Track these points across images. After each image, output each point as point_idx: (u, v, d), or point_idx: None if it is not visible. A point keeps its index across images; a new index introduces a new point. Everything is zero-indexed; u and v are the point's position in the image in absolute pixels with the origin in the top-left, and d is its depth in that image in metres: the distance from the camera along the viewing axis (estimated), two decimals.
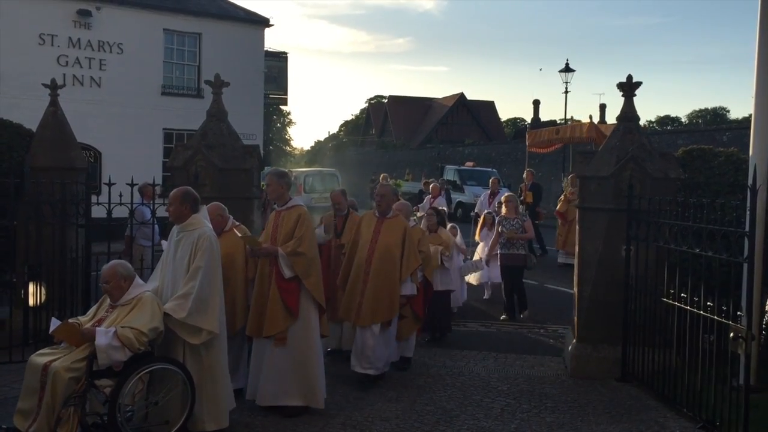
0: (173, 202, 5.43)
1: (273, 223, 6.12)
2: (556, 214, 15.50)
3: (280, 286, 5.84)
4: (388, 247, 6.79)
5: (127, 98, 19.88)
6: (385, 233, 6.87)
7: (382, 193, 7.07)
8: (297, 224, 5.93)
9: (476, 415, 6.08)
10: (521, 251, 9.96)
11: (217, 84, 8.40)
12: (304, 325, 5.91)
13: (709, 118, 56.44)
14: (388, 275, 6.74)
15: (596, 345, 7.31)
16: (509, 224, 9.96)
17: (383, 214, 7.01)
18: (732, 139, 19.85)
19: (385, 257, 6.75)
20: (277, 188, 6.10)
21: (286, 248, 5.83)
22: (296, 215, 5.99)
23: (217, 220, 6.33)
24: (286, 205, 6.10)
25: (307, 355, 5.92)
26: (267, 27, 23.40)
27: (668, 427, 5.83)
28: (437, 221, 8.93)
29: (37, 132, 8.56)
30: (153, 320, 5.00)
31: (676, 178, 7.34)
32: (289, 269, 5.81)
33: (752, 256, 5.38)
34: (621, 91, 7.56)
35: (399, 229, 6.92)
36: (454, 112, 58.11)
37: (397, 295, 6.77)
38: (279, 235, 5.97)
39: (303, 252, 5.85)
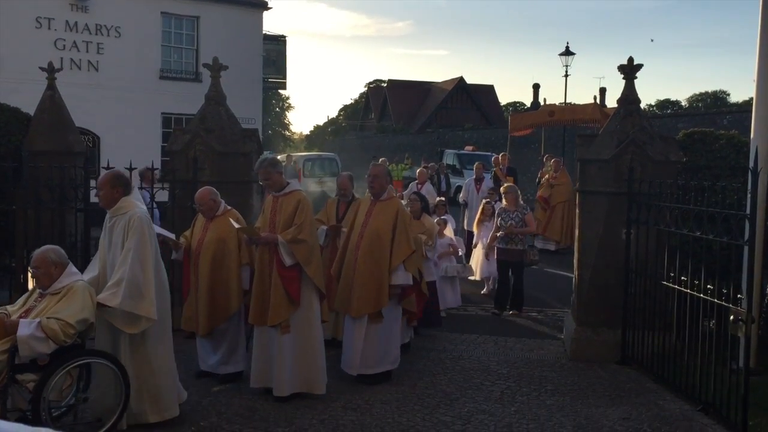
0: (102, 186, 5.09)
1: (271, 209, 5.96)
2: (540, 198, 14.95)
3: (281, 274, 5.73)
4: (377, 231, 6.37)
5: (125, 82, 19.77)
6: (376, 217, 6.46)
7: (375, 174, 6.61)
8: (297, 210, 5.80)
9: (476, 399, 6.10)
10: (519, 246, 9.25)
11: (216, 68, 8.36)
12: (307, 313, 5.85)
13: (710, 101, 56.25)
14: (376, 262, 6.30)
15: (596, 328, 7.32)
16: (509, 217, 9.26)
17: (377, 196, 6.59)
18: (732, 123, 19.77)
19: (373, 242, 6.34)
20: (276, 178, 5.96)
21: (287, 235, 5.69)
22: (295, 201, 5.85)
23: (209, 204, 6.30)
24: (284, 190, 5.96)
25: (311, 343, 5.87)
26: (265, 10, 23.23)
27: (668, 410, 5.85)
28: (421, 207, 8.27)
29: (35, 116, 8.52)
30: (83, 311, 4.69)
31: (676, 162, 7.31)
32: (290, 257, 5.69)
33: (753, 239, 5.37)
34: (622, 74, 7.52)
35: (391, 212, 6.45)
36: (453, 96, 57.84)
37: (385, 283, 6.27)
38: (278, 222, 5.83)
39: (304, 239, 5.74)
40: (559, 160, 15.44)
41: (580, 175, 7.80)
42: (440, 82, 61.75)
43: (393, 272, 6.31)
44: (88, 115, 17.18)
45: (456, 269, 9.29)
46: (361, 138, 57.68)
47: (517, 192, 9.69)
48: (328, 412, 5.67)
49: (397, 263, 6.31)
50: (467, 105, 57.27)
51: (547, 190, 14.76)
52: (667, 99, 58.86)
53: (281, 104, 74.56)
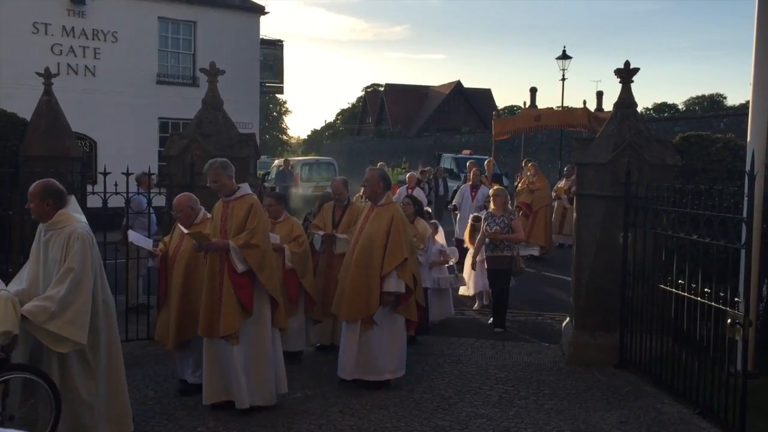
0: (33, 198, 4.73)
1: (221, 215, 5.72)
2: (521, 204, 14.31)
3: (233, 282, 5.49)
4: (370, 236, 6.27)
5: (122, 87, 19.78)
6: (372, 222, 6.38)
7: (366, 178, 6.53)
8: (249, 215, 5.58)
9: (474, 403, 6.09)
10: (507, 253, 8.69)
11: (213, 72, 8.35)
12: (258, 321, 5.62)
13: (706, 104, 56.40)
14: (367, 267, 6.20)
15: (594, 332, 7.32)
16: (494, 222, 8.71)
17: (373, 201, 6.52)
18: (729, 126, 19.84)
19: (365, 247, 6.26)
20: (227, 182, 5.70)
21: (238, 241, 5.47)
22: (247, 205, 5.63)
23: (186, 212, 6.08)
24: (235, 194, 5.72)
25: (262, 353, 5.63)
26: (262, 15, 23.28)
27: (666, 413, 5.85)
28: (415, 211, 8.12)
29: (32, 121, 8.50)
30: (4, 323, 4.31)
31: (673, 165, 7.32)
32: (241, 263, 5.46)
33: (750, 242, 5.38)
34: (618, 78, 7.53)
35: (387, 218, 6.31)
36: (450, 100, 57.97)
37: (376, 290, 6.15)
38: (229, 228, 5.60)
39: (256, 244, 5.52)
40: (536, 164, 15.28)
41: (577, 178, 7.81)
42: (437, 86, 61.91)
43: (385, 279, 6.17)
44: (85, 120, 17.18)
45: (449, 281, 8.91)
46: (358, 142, 57.80)
47: (507, 196, 9.24)
48: (326, 417, 5.65)
49: (389, 269, 6.16)
50: (464, 109, 57.39)
51: (528, 196, 14.38)
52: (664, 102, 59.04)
53: (278, 108, 74.70)
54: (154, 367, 6.87)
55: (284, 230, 7.01)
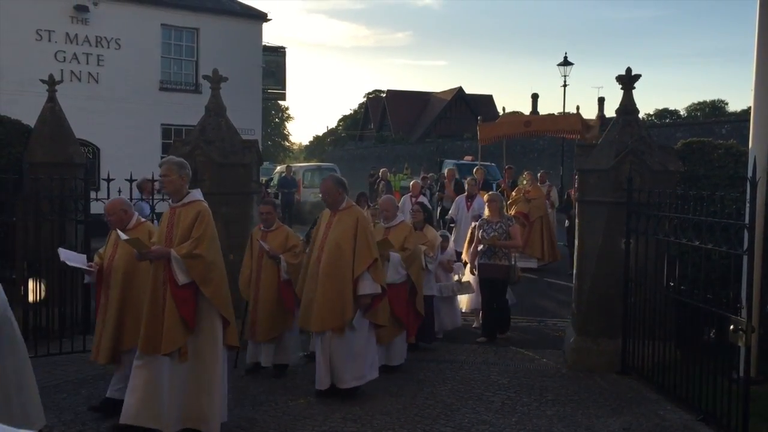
0: None
1: (168, 222, 5.32)
2: (519, 213, 13.74)
3: (174, 294, 5.05)
4: (337, 242, 6.04)
5: (125, 94, 19.84)
6: (336, 227, 6.14)
7: (323, 191, 6.34)
8: (195, 223, 5.16)
9: (477, 409, 6.09)
10: (504, 261, 8.39)
11: (216, 79, 8.39)
12: (203, 339, 5.17)
13: (708, 110, 56.39)
14: (339, 274, 5.98)
15: (596, 338, 7.31)
16: (491, 229, 8.43)
17: (334, 207, 6.27)
18: (731, 132, 19.86)
19: (334, 254, 6.01)
20: (176, 180, 5.29)
21: (181, 250, 5.06)
22: (194, 212, 5.20)
23: (119, 215, 5.74)
24: (183, 200, 5.30)
25: (207, 374, 5.15)
26: (265, 21, 23.33)
27: (669, 420, 5.84)
28: (424, 218, 8.05)
29: (36, 128, 8.55)
30: None
31: (675, 171, 7.33)
32: (183, 274, 5.04)
33: (752, 249, 5.38)
34: (620, 84, 7.54)
35: (351, 221, 6.12)
36: (452, 106, 58.02)
37: (349, 296, 5.98)
38: (175, 235, 5.19)
39: (200, 254, 5.09)
40: (531, 173, 14.97)
41: (579, 185, 7.82)
42: (439, 93, 61.97)
43: (359, 282, 6.01)
44: (89, 127, 17.22)
45: (451, 288, 8.59)
46: (360, 148, 57.84)
47: (502, 201, 8.98)
48: (328, 424, 5.65)
49: (360, 271, 6.00)
50: (466, 115, 57.38)
51: (524, 205, 13.99)
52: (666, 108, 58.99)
53: (281, 115, 74.77)
54: None
55: (279, 239, 6.88)
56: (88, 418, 5.65)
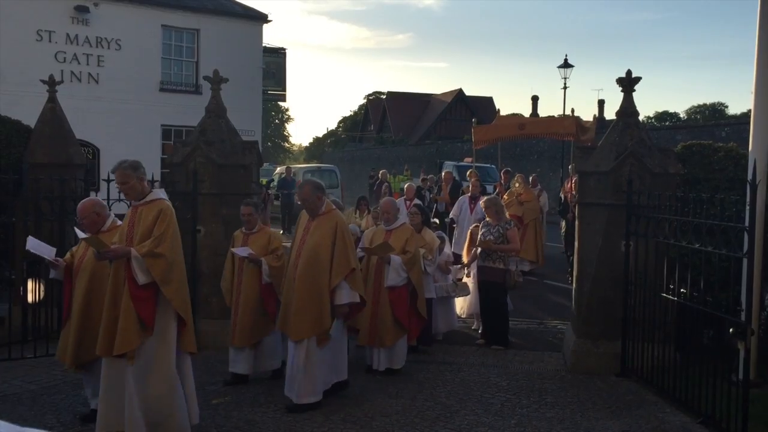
0: None
1: (129, 221, 5.20)
2: (512, 216, 12.85)
3: (133, 294, 4.91)
4: (314, 248, 5.86)
5: (126, 94, 19.84)
6: (313, 233, 5.95)
7: (301, 198, 6.13)
8: (157, 221, 5.04)
9: (476, 411, 6.08)
10: (499, 265, 8.23)
11: (216, 80, 8.39)
12: (161, 341, 5.01)
13: (708, 113, 56.45)
14: (315, 281, 5.81)
15: (596, 340, 7.31)
16: (489, 232, 8.35)
17: (313, 213, 6.07)
18: (731, 135, 19.85)
19: (310, 261, 5.84)
20: (136, 185, 5.18)
21: (142, 248, 4.92)
22: (156, 211, 5.08)
23: (92, 218, 5.58)
24: (145, 199, 5.19)
25: (162, 377, 5.01)
26: (265, 23, 23.35)
27: (668, 422, 5.84)
28: (422, 221, 8.00)
29: (36, 128, 8.55)
30: None
31: (675, 174, 7.34)
32: (143, 273, 4.89)
33: (752, 251, 5.38)
34: (620, 87, 7.55)
35: (329, 227, 5.93)
36: (452, 108, 58.03)
37: (326, 304, 5.82)
38: (136, 234, 5.07)
39: (161, 253, 4.95)
40: (523, 176, 14.65)
41: (579, 187, 7.83)
42: (439, 94, 61.99)
43: (336, 291, 5.86)
44: (89, 127, 17.22)
45: (446, 289, 8.46)
46: (360, 150, 57.84)
47: (498, 204, 8.71)
48: (327, 425, 5.65)
49: (338, 281, 5.85)
50: (466, 117, 57.37)
51: (518, 208, 13.62)
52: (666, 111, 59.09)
53: (281, 116, 74.87)
54: None
55: (260, 242, 6.69)
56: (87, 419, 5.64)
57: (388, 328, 6.89)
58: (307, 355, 5.85)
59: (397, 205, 7.60)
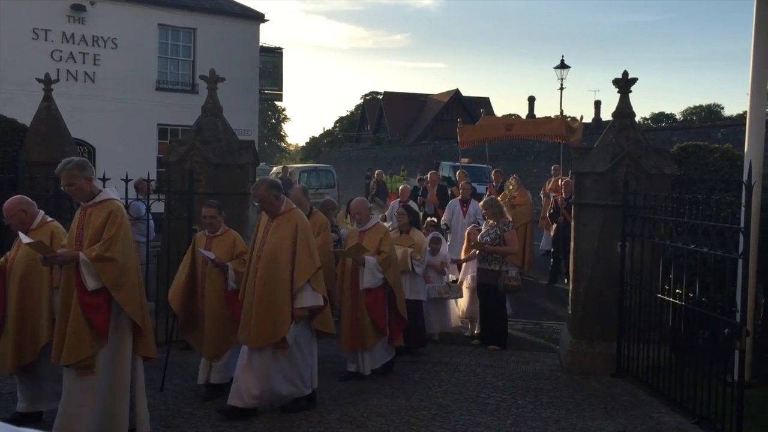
0: None
1: (78, 223, 4.90)
2: None
3: (83, 301, 4.66)
4: (274, 250, 5.58)
5: (122, 93, 19.80)
6: (273, 234, 5.67)
7: (259, 199, 5.78)
8: (107, 223, 4.76)
9: (472, 411, 6.09)
10: (494, 267, 8.15)
11: (212, 79, 8.38)
12: (115, 349, 4.82)
13: (704, 114, 56.63)
14: (275, 285, 5.54)
15: (591, 341, 7.32)
16: (486, 233, 8.32)
17: (272, 213, 5.79)
18: (726, 136, 19.88)
19: (270, 263, 5.57)
20: (83, 185, 4.87)
21: (91, 252, 4.66)
22: (106, 212, 4.80)
23: (19, 216, 5.37)
24: (94, 199, 4.89)
25: (118, 386, 4.83)
26: (262, 22, 23.33)
27: (663, 422, 5.85)
28: (409, 221, 7.87)
29: (31, 127, 8.54)
30: None
31: (671, 175, 7.35)
32: (93, 279, 4.65)
33: (747, 252, 5.40)
34: (617, 88, 7.57)
35: (290, 226, 5.65)
36: (449, 108, 58.01)
37: (286, 308, 5.54)
38: (85, 237, 4.80)
39: (112, 257, 4.69)
40: (518, 177, 14.30)
41: (575, 187, 7.84)
42: (436, 95, 62.00)
43: (298, 294, 5.57)
44: (85, 126, 17.19)
45: (438, 290, 8.34)
46: (356, 150, 57.81)
47: (497, 206, 8.52)
48: (323, 425, 5.65)
49: (302, 283, 5.54)
50: (463, 117, 57.33)
51: (509, 212, 13.24)
52: (662, 112, 59.31)
53: (277, 116, 74.82)
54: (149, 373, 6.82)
55: (225, 246, 6.29)
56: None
57: (367, 332, 6.74)
58: (261, 361, 5.59)
59: (368, 204, 7.36)
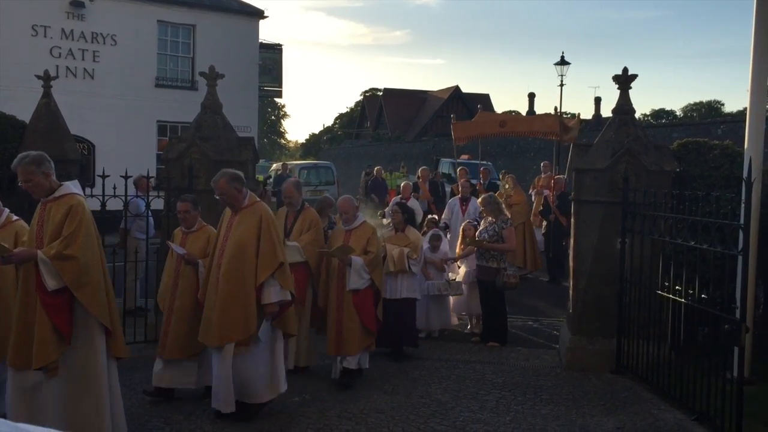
0: None
1: (38, 219, 4.68)
2: None
3: (44, 302, 4.44)
4: (239, 244, 5.38)
5: (121, 90, 19.80)
6: (237, 228, 5.48)
7: (219, 192, 5.52)
8: (67, 219, 4.52)
9: (471, 408, 6.09)
10: (493, 264, 8.15)
11: (212, 76, 8.36)
12: (83, 351, 4.58)
13: (704, 111, 56.62)
14: (240, 281, 5.34)
15: (591, 337, 7.32)
16: (485, 230, 8.33)
17: (235, 207, 5.57)
18: (727, 132, 19.85)
19: (236, 257, 5.36)
20: (41, 181, 4.62)
21: (49, 251, 4.43)
22: (66, 207, 4.56)
23: None
24: (54, 194, 4.64)
25: (87, 390, 4.59)
26: (261, 18, 23.30)
27: (662, 419, 5.86)
28: (404, 219, 7.71)
29: (30, 124, 8.51)
30: None
31: (671, 171, 7.35)
32: (53, 278, 4.42)
33: (747, 249, 5.39)
34: (617, 84, 7.56)
35: (254, 220, 5.45)
36: (449, 104, 57.89)
37: (252, 305, 5.35)
38: (45, 234, 4.57)
39: (72, 255, 4.45)
40: (514, 176, 13.91)
41: (575, 184, 7.83)
42: (436, 91, 61.94)
43: (264, 289, 5.37)
44: (84, 123, 17.20)
45: (437, 287, 8.34)
46: (356, 146, 57.77)
47: (495, 203, 8.49)
48: (322, 422, 5.65)
49: (264, 278, 5.35)
50: (463, 114, 57.31)
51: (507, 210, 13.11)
52: (662, 108, 59.29)
53: (277, 112, 74.74)
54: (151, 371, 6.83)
55: (200, 242, 6.07)
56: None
57: (354, 335, 6.48)
58: (238, 361, 5.40)
59: (355, 202, 7.09)
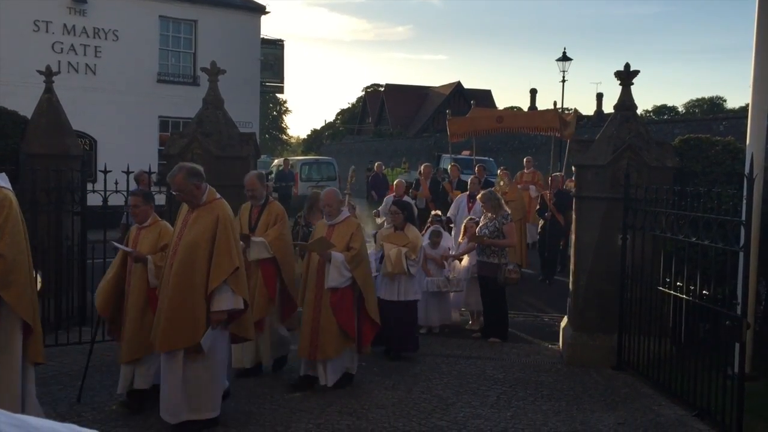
0: None
1: None
2: None
3: None
4: (191, 245, 5.07)
5: (123, 85, 19.76)
6: (192, 227, 5.15)
7: (176, 189, 5.20)
8: None
9: (472, 403, 6.10)
10: (494, 259, 8.13)
11: (214, 71, 8.36)
12: (4, 352, 4.34)
13: (706, 107, 56.49)
14: (189, 284, 5.02)
15: (592, 333, 7.33)
16: (485, 226, 8.30)
17: (193, 204, 5.24)
18: (729, 129, 19.81)
19: (187, 260, 5.05)
20: None
21: None
22: None
23: None
24: None
25: (5, 392, 4.35)
26: (263, 14, 23.27)
27: (663, 415, 5.86)
28: (404, 217, 7.47)
29: (32, 119, 8.52)
30: None
31: (672, 167, 7.34)
32: None
33: (748, 245, 5.40)
34: (618, 80, 7.55)
35: (210, 219, 5.11)
36: (451, 100, 57.82)
37: (201, 310, 5.02)
38: None
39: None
40: (508, 173, 13.78)
41: (576, 180, 7.83)
42: (438, 87, 61.86)
43: (215, 295, 5.02)
44: (86, 119, 17.17)
45: (437, 284, 8.32)
46: (358, 142, 57.73)
47: (495, 199, 8.46)
48: (324, 417, 5.66)
49: (217, 283, 5.00)
50: (465, 109, 57.18)
51: None
52: (664, 104, 59.16)
53: (278, 108, 74.72)
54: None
55: (151, 238, 5.72)
56: (84, 409, 5.65)
57: (331, 337, 6.11)
58: (186, 370, 5.10)
59: (340, 196, 6.80)
